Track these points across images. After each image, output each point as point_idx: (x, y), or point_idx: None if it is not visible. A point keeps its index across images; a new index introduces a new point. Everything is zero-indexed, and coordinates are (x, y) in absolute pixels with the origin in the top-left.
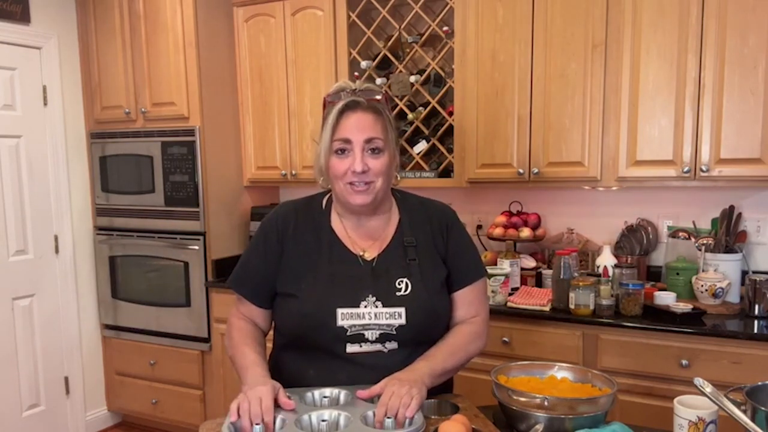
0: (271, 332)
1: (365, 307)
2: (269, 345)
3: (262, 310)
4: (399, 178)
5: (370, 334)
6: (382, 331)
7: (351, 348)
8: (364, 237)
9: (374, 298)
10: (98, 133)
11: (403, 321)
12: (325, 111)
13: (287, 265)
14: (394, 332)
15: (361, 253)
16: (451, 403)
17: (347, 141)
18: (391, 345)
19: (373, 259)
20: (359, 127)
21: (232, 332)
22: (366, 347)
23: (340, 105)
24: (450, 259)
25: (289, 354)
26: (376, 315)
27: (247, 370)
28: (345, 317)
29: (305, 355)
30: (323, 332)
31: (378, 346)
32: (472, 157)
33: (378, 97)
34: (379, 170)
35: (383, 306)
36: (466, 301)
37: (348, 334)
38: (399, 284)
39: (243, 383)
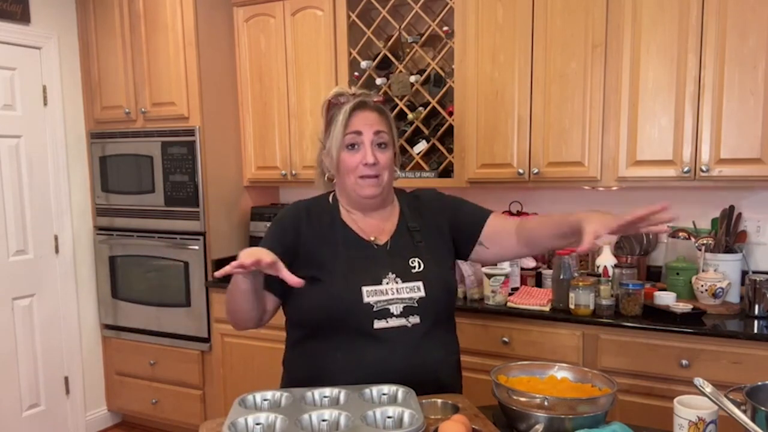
0: (279, 333)
1: (387, 283)
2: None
3: (269, 295)
4: (399, 174)
5: (394, 308)
6: (405, 304)
7: (378, 324)
8: (372, 227)
9: (394, 275)
10: (98, 133)
11: (422, 293)
12: (330, 112)
13: (305, 254)
14: (416, 304)
15: (373, 239)
16: (451, 403)
17: (359, 133)
18: (414, 319)
19: (386, 242)
20: (368, 122)
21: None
22: (392, 322)
23: (350, 104)
24: (454, 222)
25: (311, 344)
26: (397, 290)
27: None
28: (370, 294)
29: (331, 340)
30: (352, 310)
31: (402, 321)
32: (472, 157)
33: (378, 99)
34: (386, 163)
35: (402, 282)
36: (498, 225)
37: (374, 309)
38: (412, 263)
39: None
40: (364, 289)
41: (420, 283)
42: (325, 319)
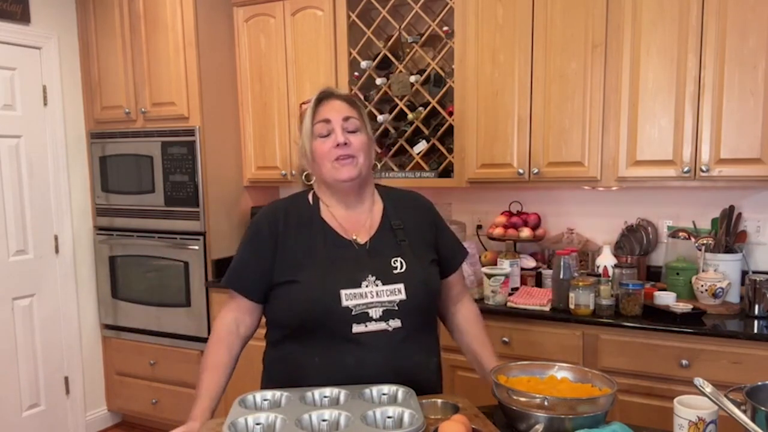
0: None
1: (366, 286)
2: (260, 344)
3: (253, 305)
4: (378, 168)
5: (374, 312)
6: (384, 308)
7: (357, 328)
8: (354, 224)
9: (374, 278)
10: (98, 133)
11: (403, 296)
12: (302, 114)
13: (283, 256)
14: (396, 308)
15: (354, 238)
16: (451, 403)
17: (327, 121)
18: (395, 323)
19: (366, 242)
20: (336, 109)
21: (211, 339)
22: (371, 326)
23: (316, 95)
24: (441, 249)
25: (290, 346)
26: (377, 293)
27: (195, 400)
28: (349, 297)
29: (308, 344)
30: (329, 315)
31: (382, 325)
32: (472, 157)
33: (350, 93)
34: (359, 146)
35: (383, 284)
36: (459, 282)
37: (353, 313)
38: (394, 263)
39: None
40: (343, 292)
41: (401, 285)
42: (302, 323)
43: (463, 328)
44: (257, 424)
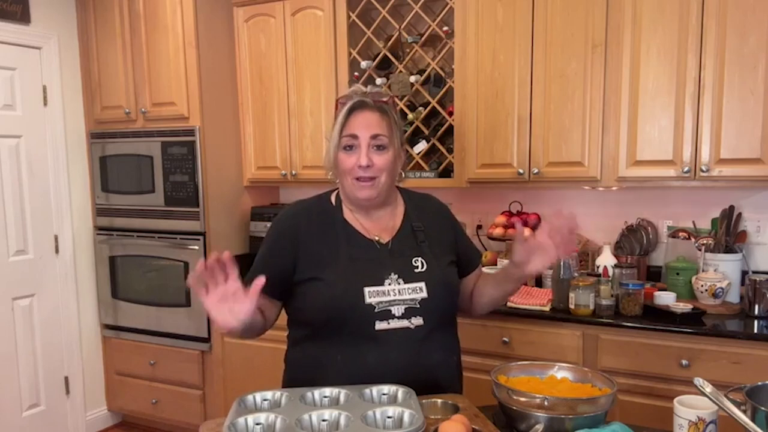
0: (279, 333)
1: (389, 284)
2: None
3: (271, 302)
4: (403, 176)
5: (396, 310)
6: (407, 306)
7: (379, 325)
8: (376, 226)
9: (396, 276)
10: (98, 133)
11: (425, 294)
12: (337, 111)
13: (306, 255)
14: (418, 305)
15: (377, 238)
16: (451, 403)
17: (354, 137)
18: (417, 321)
19: (388, 242)
20: (365, 124)
21: None
22: (393, 323)
23: (349, 104)
24: (459, 254)
25: (313, 344)
26: (399, 291)
27: None
28: (372, 295)
29: (331, 341)
30: (353, 311)
31: (405, 322)
32: (472, 157)
33: (385, 98)
34: (383, 166)
35: (405, 282)
36: (475, 278)
37: (376, 310)
38: (415, 263)
39: None
40: (366, 290)
41: (422, 284)
42: (325, 320)
43: (479, 290)
44: (257, 424)
